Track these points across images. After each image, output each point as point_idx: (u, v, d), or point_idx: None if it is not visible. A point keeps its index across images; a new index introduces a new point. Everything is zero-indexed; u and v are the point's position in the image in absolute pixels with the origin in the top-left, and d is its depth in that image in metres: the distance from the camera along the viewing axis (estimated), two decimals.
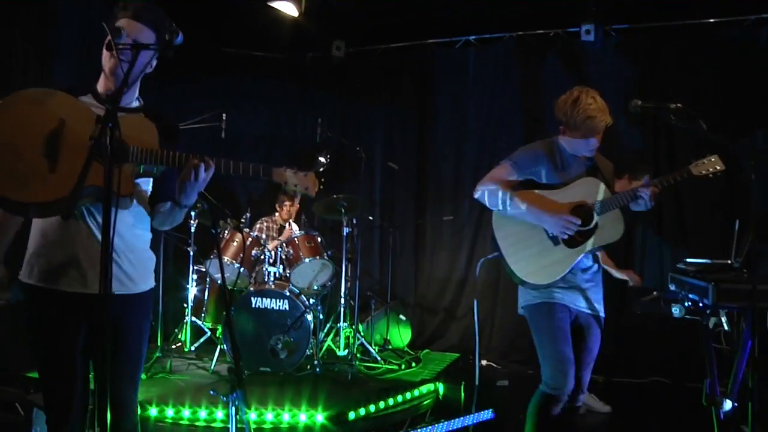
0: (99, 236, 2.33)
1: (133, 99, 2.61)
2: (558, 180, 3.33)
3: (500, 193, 3.23)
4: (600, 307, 3.43)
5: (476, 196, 3.34)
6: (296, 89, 7.87)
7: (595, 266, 3.43)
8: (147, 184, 2.58)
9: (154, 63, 2.57)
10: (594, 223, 3.28)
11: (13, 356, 5.42)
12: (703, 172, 3.29)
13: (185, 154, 2.41)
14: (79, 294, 2.42)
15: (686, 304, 3.75)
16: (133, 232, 2.55)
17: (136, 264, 2.55)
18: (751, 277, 2.97)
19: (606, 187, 3.33)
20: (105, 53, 2.47)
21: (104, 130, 2.02)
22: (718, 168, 3.29)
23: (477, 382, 3.99)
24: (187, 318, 5.99)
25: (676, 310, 4.03)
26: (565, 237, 3.26)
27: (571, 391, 3.27)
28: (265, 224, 6.50)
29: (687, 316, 3.75)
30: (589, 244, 3.29)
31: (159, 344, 5.59)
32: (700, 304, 3.51)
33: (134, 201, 2.51)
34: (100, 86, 2.54)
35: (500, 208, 3.25)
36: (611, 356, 5.97)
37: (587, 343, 3.41)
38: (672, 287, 4.10)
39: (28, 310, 2.48)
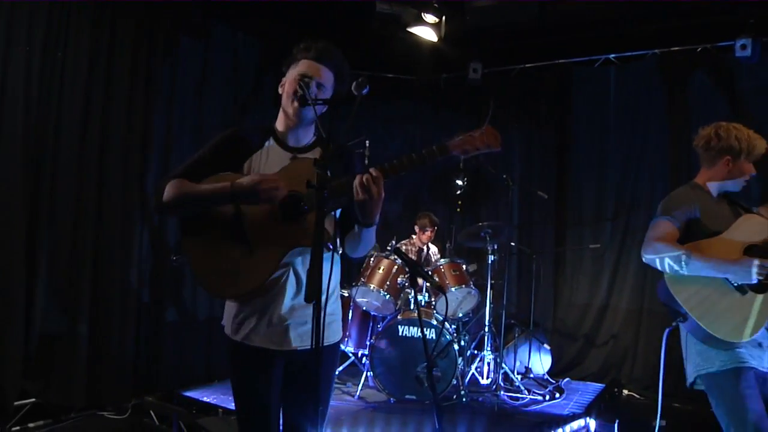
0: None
1: (310, 135, 2.63)
2: (715, 224, 3.14)
3: (676, 254, 2.99)
4: None
5: (645, 259, 3.12)
6: (431, 112, 7.89)
7: None
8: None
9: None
10: None
11: (175, 374, 5.75)
12: None
13: (350, 179, 2.37)
14: (272, 350, 2.50)
15: None
16: (332, 282, 2.55)
17: (330, 316, 2.58)
18: None
19: (766, 222, 3.15)
20: (288, 96, 2.52)
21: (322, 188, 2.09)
22: None
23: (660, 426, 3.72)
24: None
25: None
26: (756, 282, 2.98)
27: None
28: (404, 248, 6.55)
29: None
30: None
31: None
32: None
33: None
34: (280, 125, 2.59)
35: (676, 269, 3.02)
36: None
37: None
38: None
39: (235, 364, 2.58)
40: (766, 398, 3.00)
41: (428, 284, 5.80)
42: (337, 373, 5.99)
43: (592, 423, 5.20)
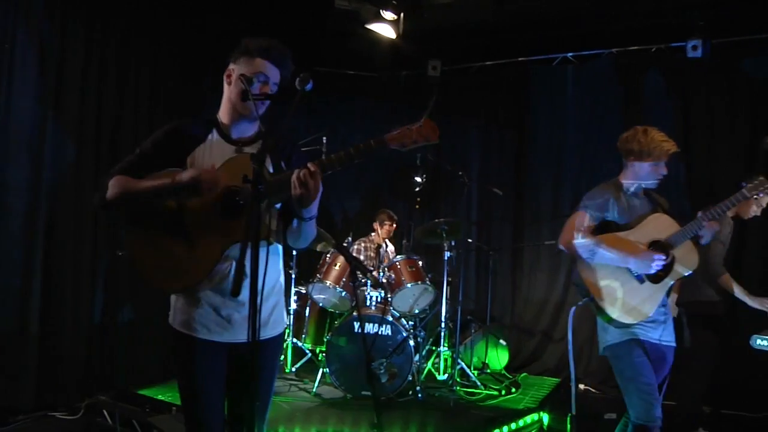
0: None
1: (254, 127, 2.62)
2: (627, 219, 3.48)
3: (585, 243, 3.35)
4: (673, 338, 3.56)
5: (560, 247, 3.50)
6: (390, 108, 7.87)
7: (667, 299, 3.56)
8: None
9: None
10: (671, 256, 3.44)
11: (130, 373, 5.68)
12: (755, 194, 3.45)
13: (289, 172, 2.36)
14: (217, 342, 2.50)
15: None
16: (272, 276, 2.58)
17: (273, 308, 2.60)
18: None
19: (674, 221, 3.51)
20: (233, 91, 2.53)
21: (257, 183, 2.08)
22: (765, 188, 3.47)
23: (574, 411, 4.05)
24: (287, 339, 6.08)
25: None
26: (653, 274, 3.40)
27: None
28: (363, 245, 6.55)
29: None
30: (670, 278, 3.45)
31: None
32: None
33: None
34: (225, 117, 2.58)
35: (586, 256, 3.38)
36: (720, 387, 5.76)
37: (662, 372, 3.54)
38: None
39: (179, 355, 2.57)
40: (658, 360, 3.46)
41: (384, 279, 5.82)
42: (294, 369, 6.03)
43: (545, 417, 5.27)
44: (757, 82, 6.39)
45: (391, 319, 5.47)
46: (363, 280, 5.85)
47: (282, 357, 6.17)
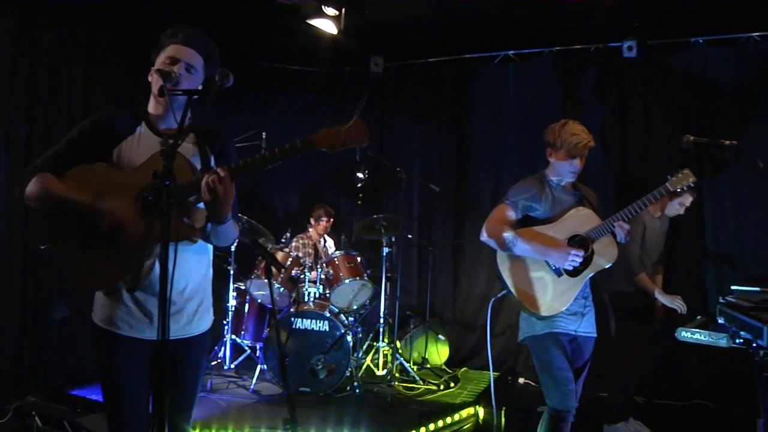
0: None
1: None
2: (551, 213, 3.53)
3: (506, 236, 3.41)
4: (594, 329, 3.64)
5: (482, 239, 3.55)
6: (335, 104, 7.87)
7: (588, 290, 3.65)
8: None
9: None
10: (590, 250, 3.49)
11: (62, 373, 5.56)
12: (679, 187, 3.52)
13: (201, 175, 2.34)
14: (140, 339, 2.47)
15: (737, 340, 3.68)
16: (197, 273, 2.56)
17: (197, 305, 2.57)
18: None
19: (595, 215, 3.56)
20: (155, 86, 2.50)
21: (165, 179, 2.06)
22: (691, 180, 3.55)
23: (494, 406, 4.20)
24: (226, 336, 6.04)
25: (723, 341, 3.97)
26: (571, 269, 3.45)
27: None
28: (300, 242, 6.53)
29: (734, 345, 3.69)
30: (589, 271, 3.51)
31: None
32: (754, 344, 3.44)
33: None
34: (152, 109, 2.56)
35: (506, 249, 3.44)
36: (653, 377, 5.92)
37: (583, 362, 3.61)
38: (721, 320, 4.03)
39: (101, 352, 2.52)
40: (578, 350, 3.57)
41: (323, 275, 5.81)
42: (233, 366, 5.98)
43: (480, 411, 5.33)
44: (690, 83, 6.57)
45: (328, 315, 5.47)
46: (302, 276, 5.84)
47: (222, 354, 6.12)
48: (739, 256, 6.26)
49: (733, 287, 4.78)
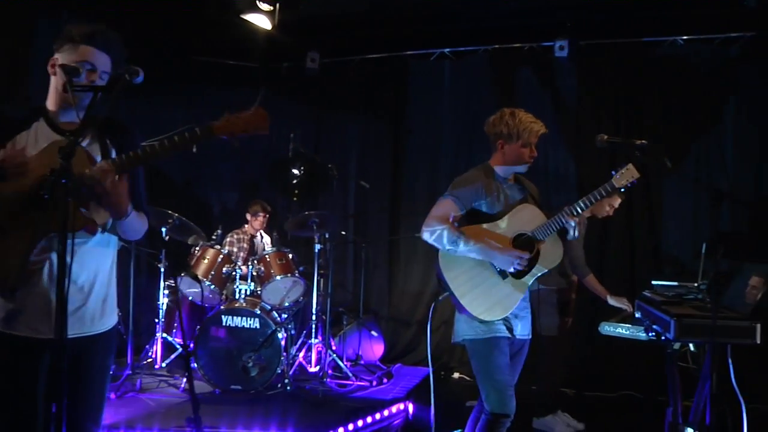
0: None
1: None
2: (497, 208, 3.38)
3: (448, 234, 3.23)
4: (529, 330, 3.54)
5: (424, 237, 3.35)
6: (271, 100, 7.78)
7: (528, 292, 3.51)
8: None
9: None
10: (536, 250, 3.36)
11: None
12: (624, 183, 3.36)
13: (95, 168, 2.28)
14: (39, 339, 2.37)
15: (650, 334, 3.81)
16: (97, 269, 2.49)
17: (100, 302, 2.51)
18: (713, 316, 2.98)
19: (541, 212, 3.44)
20: (58, 81, 2.43)
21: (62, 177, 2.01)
22: (635, 176, 3.36)
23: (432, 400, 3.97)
24: (158, 334, 5.95)
25: (642, 334, 4.10)
26: (514, 271, 3.31)
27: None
28: (236, 237, 6.48)
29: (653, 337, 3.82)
30: (534, 273, 3.37)
31: (130, 362, 5.56)
32: (663, 338, 3.56)
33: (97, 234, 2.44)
34: (52, 105, 2.48)
35: (449, 248, 3.26)
36: (582, 371, 6.06)
37: (519, 365, 3.55)
38: (638, 315, 4.16)
39: None
40: (516, 353, 3.47)
41: (254, 272, 5.78)
42: (164, 365, 5.89)
43: (410, 406, 5.37)
44: (620, 83, 6.72)
45: (259, 312, 5.44)
46: (232, 273, 5.79)
47: (153, 353, 6.02)
48: (665, 252, 6.46)
49: (654, 282, 4.96)
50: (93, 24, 2.49)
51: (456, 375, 6.84)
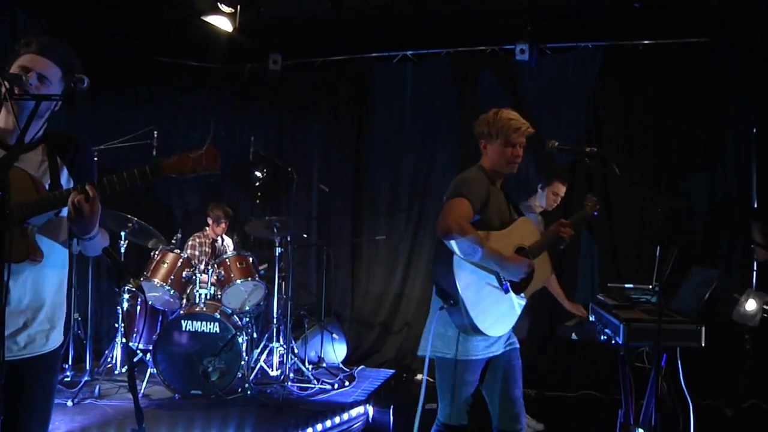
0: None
1: (37, 134, 2.41)
2: (495, 214, 3.19)
3: (474, 239, 2.96)
4: (513, 337, 3.35)
5: (445, 239, 3.00)
6: (233, 101, 7.77)
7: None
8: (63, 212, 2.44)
9: (60, 103, 2.42)
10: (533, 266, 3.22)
11: None
12: (590, 211, 3.61)
13: (64, 192, 2.28)
14: None
15: (602, 337, 3.87)
16: (42, 290, 2.42)
17: (43, 323, 2.44)
18: (658, 322, 3.03)
19: (536, 228, 3.38)
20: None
21: None
22: (595, 208, 3.71)
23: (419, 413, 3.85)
24: (117, 339, 5.89)
25: (601, 336, 4.17)
26: (518, 283, 3.17)
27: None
28: (197, 241, 6.44)
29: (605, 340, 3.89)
30: (531, 289, 3.25)
31: (89, 367, 5.50)
32: (613, 342, 3.63)
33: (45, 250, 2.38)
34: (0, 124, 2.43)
35: (468, 253, 2.99)
36: (543, 371, 6.13)
37: (514, 372, 3.32)
38: (592, 318, 4.23)
39: None
40: (507, 367, 3.27)
41: (214, 276, 5.75)
42: (123, 370, 5.83)
43: (371, 409, 5.39)
44: (578, 89, 6.82)
45: (219, 316, 5.41)
46: (193, 278, 5.76)
47: (113, 358, 5.96)
48: (619, 254, 6.57)
49: (609, 284, 5.04)
50: (43, 35, 2.46)
51: (419, 377, 6.86)
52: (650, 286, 4.93)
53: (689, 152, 6.46)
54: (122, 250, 5.68)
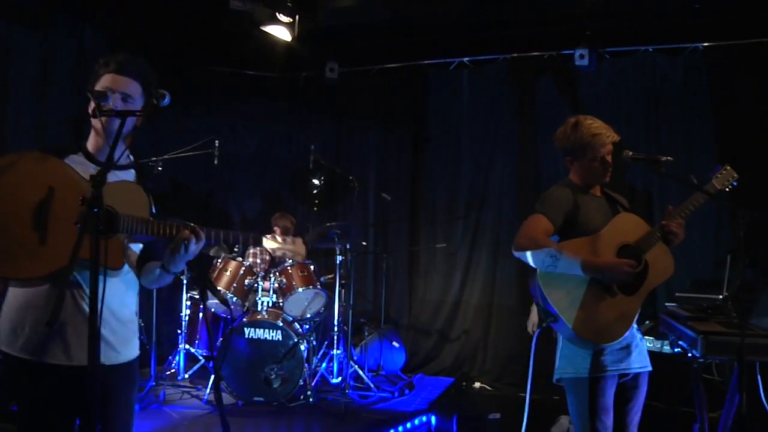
0: (85, 308, 2.32)
1: (123, 155, 2.50)
2: (592, 220, 3.09)
3: (546, 251, 2.90)
4: (648, 361, 3.15)
5: (517, 254, 3.01)
6: (290, 110, 7.85)
7: (639, 313, 3.11)
8: (137, 246, 2.56)
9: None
10: (644, 262, 3.05)
11: None
12: (723, 185, 3.15)
13: (176, 226, 2.39)
14: (64, 366, 2.35)
15: (676, 349, 3.78)
16: (122, 301, 2.49)
17: (121, 334, 2.48)
18: (741, 332, 2.94)
19: (642, 221, 3.18)
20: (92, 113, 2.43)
21: (93, 206, 2.02)
22: (734, 177, 3.17)
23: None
24: (180, 345, 5.99)
25: (667, 348, 4.08)
26: (625, 283, 3.00)
27: None
28: (258, 249, 6.50)
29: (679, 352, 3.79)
30: (646, 286, 3.06)
31: (153, 373, 5.60)
32: (689, 354, 3.54)
33: (124, 268, 2.47)
34: (91, 144, 2.50)
35: (548, 266, 2.93)
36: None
37: (636, 402, 3.13)
38: (662, 329, 4.13)
39: (14, 382, 2.41)
40: (633, 389, 3.10)
41: (276, 283, 5.80)
42: (187, 376, 5.93)
43: (433, 419, 5.37)
44: (637, 93, 6.69)
45: (281, 324, 5.46)
46: (254, 286, 5.82)
47: (176, 364, 6.06)
48: (687, 261, 6.39)
49: (677, 294, 4.92)
50: (121, 53, 2.51)
51: (477, 384, 6.80)
52: (720, 296, 4.81)
53: (755, 159, 6.26)
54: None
